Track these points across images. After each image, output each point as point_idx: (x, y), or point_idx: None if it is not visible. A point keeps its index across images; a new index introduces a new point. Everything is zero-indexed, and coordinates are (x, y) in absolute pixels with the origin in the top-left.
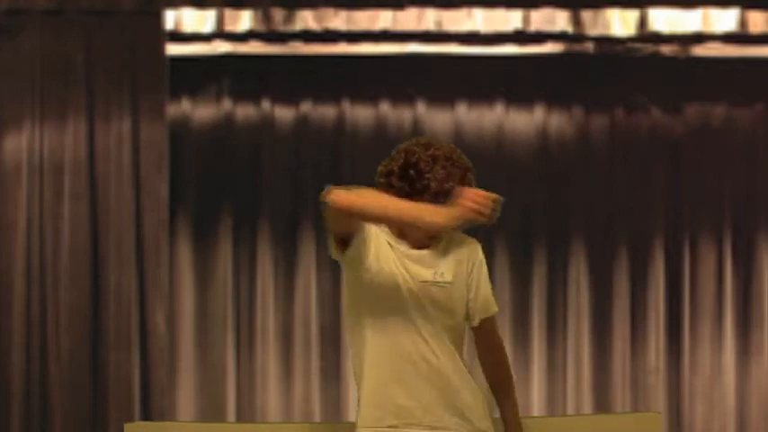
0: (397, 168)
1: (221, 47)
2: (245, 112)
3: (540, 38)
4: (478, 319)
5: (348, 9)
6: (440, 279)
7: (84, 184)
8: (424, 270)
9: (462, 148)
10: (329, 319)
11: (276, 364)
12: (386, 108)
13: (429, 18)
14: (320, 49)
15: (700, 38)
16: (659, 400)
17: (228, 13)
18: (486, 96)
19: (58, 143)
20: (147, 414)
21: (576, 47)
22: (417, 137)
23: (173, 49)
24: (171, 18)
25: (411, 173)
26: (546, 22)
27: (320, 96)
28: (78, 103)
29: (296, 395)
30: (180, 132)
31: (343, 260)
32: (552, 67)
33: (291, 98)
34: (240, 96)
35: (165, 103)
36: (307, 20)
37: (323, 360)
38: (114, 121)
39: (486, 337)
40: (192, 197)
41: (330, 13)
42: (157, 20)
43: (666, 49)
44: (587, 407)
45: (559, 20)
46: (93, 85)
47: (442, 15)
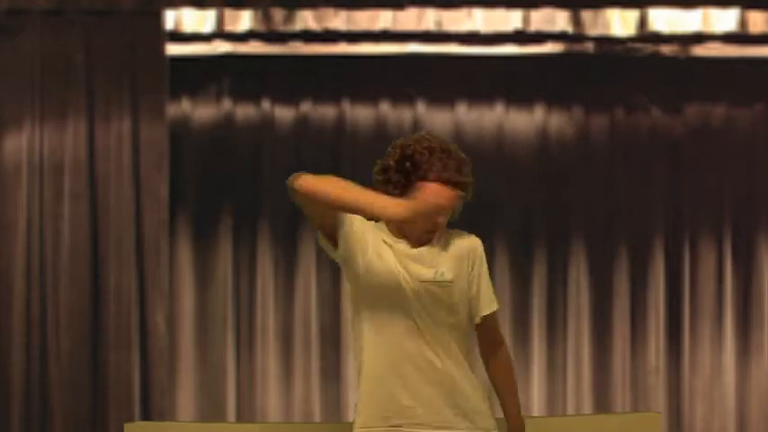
0: (393, 163)
1: (221, 47)
2: (245, 112)
3: (540, 38)
4: (480, 316)
5: (348, 9)
6: (440, 278)
7: (84, 184)
8: (424, 269)
9: (462, 148)
10: (329, 319)
11: (276, 364)
12: (386, 108)
13: (429, 18)
14: (320, 49)
15: (700, 38)
16: (659, 400)
17: (228, 13)
18: (486, 96)
19: (58, 143)
20: (147, 414)
21: (576, 47)
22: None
23: (173, 49)
24: (171, 18)
25: (407, 165)
26: (546, 22)
27: (320, 96)
28: (78, 103)
29: (296, 395)
30: (180, 132)
31: (336, 258)
32: (552, 67)
33: (291, 98)
34: (240, 96)
35: (165, 103)
36: (307, 20)
37: (323, 360)
38: (114, 121)
39: (488, 334)
40: (192, 197)
41: (330, 13)
42: (157, 20)
43: (666, 49)
44: (587, 407)
45: (559, 20)
46: (93, 85)
47: (442, 15)
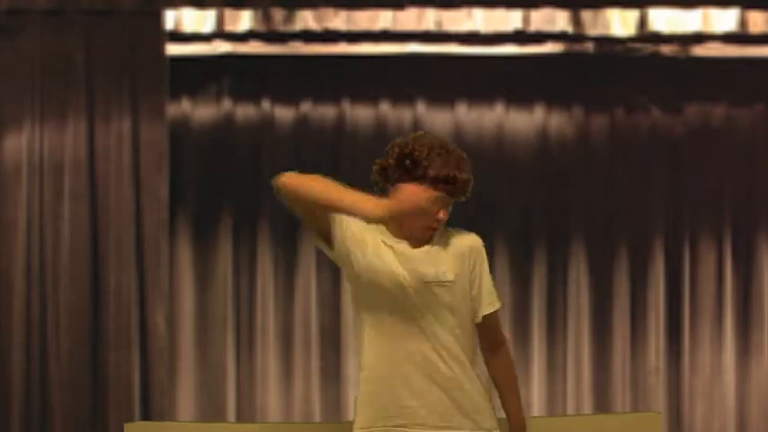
0: (392, 161)
1: (221, 47)
2: (245, 112)
3: (540, 38)
4: (481, 315)
5: (348, 9)
6: (442, 278)
7: (84, 184)
8: (425, 269)
9: (462, 148)
10: (329, 319)
11: (276, 364)
12: (386, 108)
13: (429, 18)
14: (320, 49)
15: (700, 38)
16: (659, 400)
17: (228, 13)
18: (486, 96)
19: (58, 143)
20: (147, 414)
21: (576, 47)
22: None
23: (173, 49)
24: (171, 18)
25: (407, 162)
26: (546, 22)
27: (320, 96)
28: (78, 103)
29: (296, 395)
30: (180, 132)
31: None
32: (552, 67)
33: (291, 98)
34: (240, 96)
35: (165, 103)
36: (307, 20)
37: (323, 360)
38: (114, 121)
39: (490, 333)
40: (192, 197)
41: (330, 13)
42: (157, 20)
43: (666, 49)
44: (587, 407)
45: (559, 20)
46: (93, 85)
47: (442, 15)
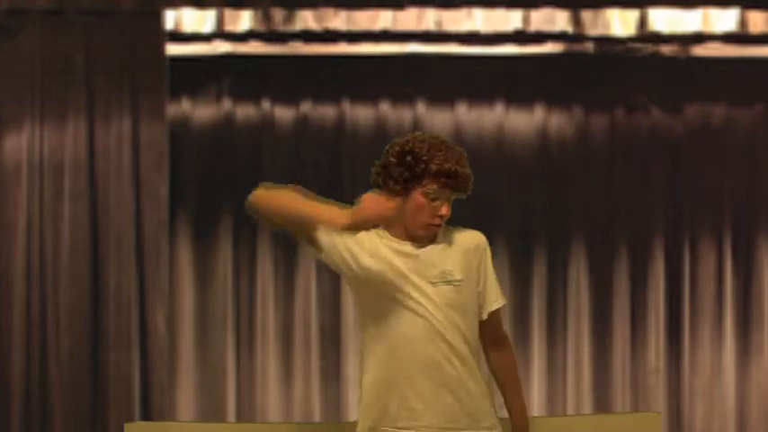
0: (393, 158)
1: (221, 47)
2: (245, 112)
3: (540, 38)
4: (487, 312)
5: (348, 9)
6: (449, 277)
7: (84, 184)
8: (429, 269)
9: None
10: (329, 319)
11: (276, 364)
12: (386, 108)
13: (429, 18)
14: (320, 49)
15: (700, 38)
16: (659, 400)
17: (228, 13)
18: (486, 96)
19: (58, 143)
20: (147, 414)
21: (576, 47)
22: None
23: (173, 49)
24: (171, 18)
25: (408, 159)
26: (546, 22)
27: (320, 96)
28: (78, 103)
29: (296, 395)
30: (180, 132)
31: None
32: (552, 67)
33: (291, 98)
34: (240, 96)
35: (165, 103)
36: (307, 20)
37: (323, 360)
38: (114, 121)
39: (493, 331)
40: (192, 197)
41: (330, 13)
42: (157, 20)
43: (666, 49)
44: (587, 407)
45: (559, 20)
46: (93, 85)
47: (442, 15)
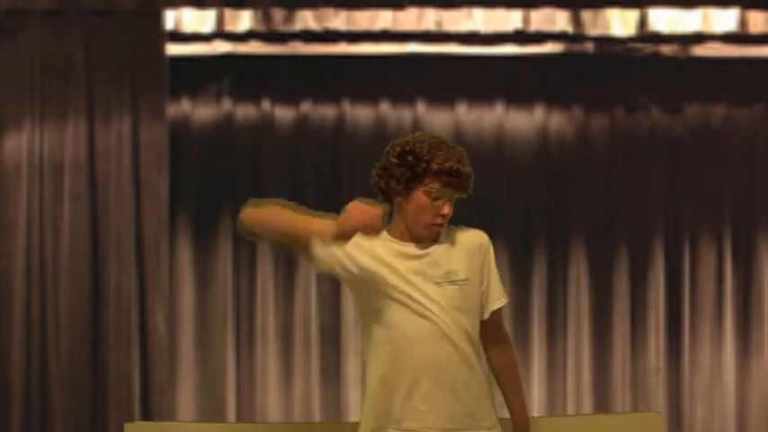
0: (394, 159)
1: (221, 47)
2: (245, 112)
3: (540, 38)
4: (489, 311)
5: (348, 9)
6: (453, 277)
7: (84, 184)
8: (436, 270)
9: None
10: (329, 319)
11: (276, 364)
12: (386, 108)
13: (429, 18)
14: (320, 49)
15: (700, 38)
16: (659, 400)
17: (228, 13)
18: (486, 96)
19: (58, 143)
20: (147, 414)
21: (576, 47)
22: None
23: (173, 49)
24: (171, 18)
25: (409, 159)
26: (546, 22)
27: (320, 96)
28: (78, 103)
29: (296, 395)
30: (180, 132)
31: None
32: (552, 67)
33: (291, 98)
34: (240, 96)
35: (165, 103)
36: (307, 20)
37: (323, 360)
38: (114, 121)
39: (494, 330)
40: (192, 197)
41: (330, 13)
42: (157, 20)
43: (666, 49)
44: (587, 407)
45: (559, 20)
46: (93, 85)
47: (442, 15)
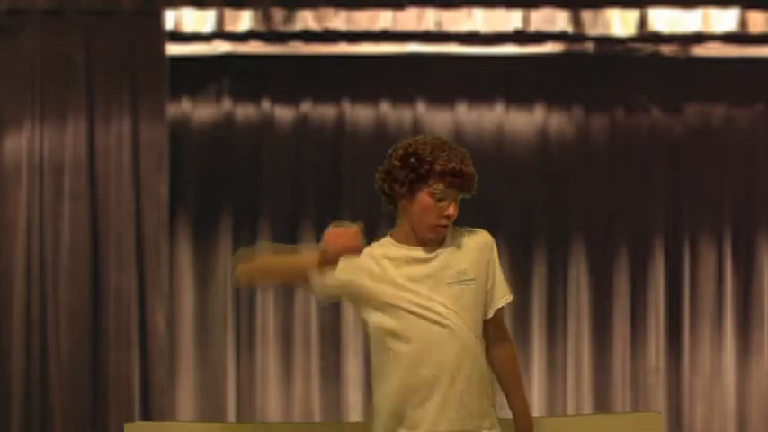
0: (397, 162)
1: (221, 47)
2: (245, 112)
3: (540, 38)
4: (494, 309)
5: (348, 9)
6: (463, 277)
7: (84, 184)
8: (446, 271)
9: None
10: (329, 319)
11: (276, 364)
12: (386, 108)
13: (429, 18)
14: (320, 49)
15: (700, 38)
16: (659, 400)
17: (228, 13)
18: (486, 96)
19: (58, 143)
20: (147, 414)
21: (576, 47)
22: None
23: (173, 49)
24: (171, 18)
25: (412, 161)
26: (546, 22)
27: (320, 96)
28: (78, 103)
29: (296, 395)
30: (180, 132)
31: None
32: (552, 67)
33: (291, 98)
34: (240, 96)
35: (165, 103)
36: (307, 20)
37: (323, 360)
38: (114, 121)
39: (497, 329)
40: (192, 197)
41: (330, 13)
42: (157, 20)
43: (666, 49)
44: (587, 407)
45: (559, 20)
46: (93, 85)
47: (442, 15)
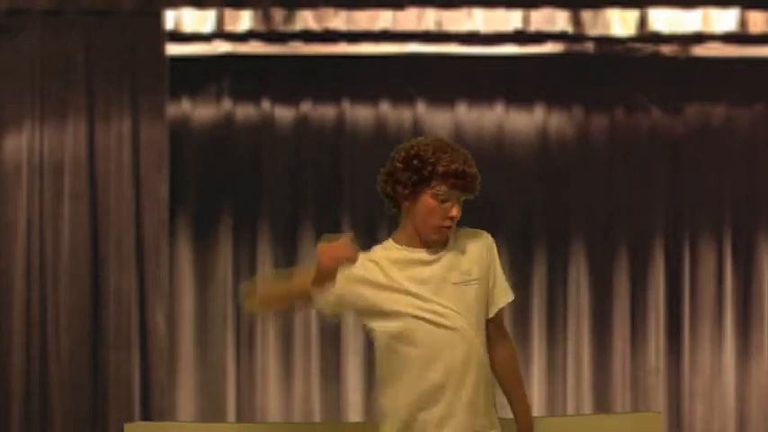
0: (399, 164)
1: (221, 47)
2: (245, 112)
3: (540, 38)
4: (496, 308)
5: (348, 9)
6: (468, 277)
7: (84, 184)
8: (452, 271)
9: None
10: (329, 319)
11: (276, 364)
12: (386, 108)
13: (429, 18)
14: (320, 49)
15: (700, 38)
16: (659, 400)
17: (228, 13)
18: (486, 96)
19: (58, 143)
20: (147, 414)
21: (576, 47)
22: None
23: (173, 49)
24: (171, 18)
25: (415, 163)
26: (546, 22)
27: (320, 96)
28: (78, 103)
29: (296, 395)
30: (180, 132)
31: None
32: (552, 67)
33: (291, 98)
34: (240, 96)
35: (165, 103)
36: (307, 20)
37: (323, 360)
38: (114, 121)
39: (497, 328)
40: (192, 197)
41: (330, 13)
42: (157, 20)
43: (666, 49)
44: (587, 407)
45: (559, 20)
46: (93, 85)
47: (442, 15)
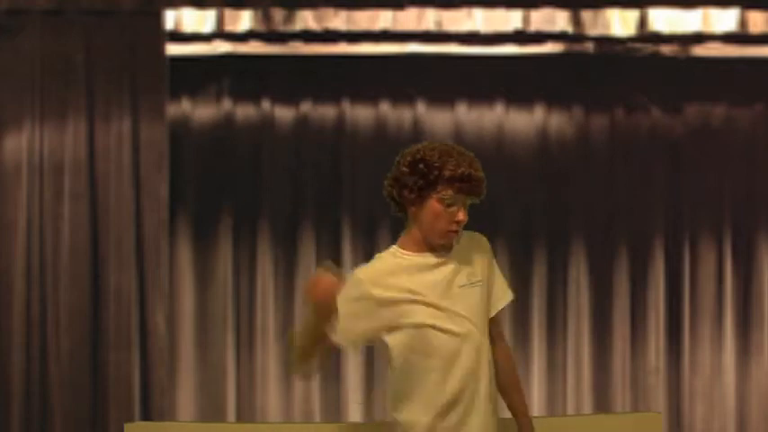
0: (405, 168)
1: (221, 47)
2: (245, 112)
3: (540, 38)
4: (497, 308)
5: (348, 9)
6: (474, 279)
7: (84, 184)
8: (459, 275)
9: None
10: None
11: (276, 364)
12: (386, 108)
13: (429, 18)
14: (320, 49)
15: (700, 38)
16: (659, 400)
17: (228, 13)
18: (486, 96)
19: (58, 143)
20: (147, 414)
21: (576, 47)
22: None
23: (173, 49)
24: (171, 18)
25: (421, 167)
26: (546, 22)
27: (320, 96)
28: (78, 103)
29: (296, 395)
30: (180, 132)
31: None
32: (552, 67)
33: (291, 98)
34: (240, 96)
35: (165, 103)
36: (307, 20)
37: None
38: (114, 121)
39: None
40: (192, 197)
41: (330, 13)
42: (157, 20)
43: (666, 49)
44: (587, 407)
45: (559, 20)
46: (93, 85)
47: (442, 15)
